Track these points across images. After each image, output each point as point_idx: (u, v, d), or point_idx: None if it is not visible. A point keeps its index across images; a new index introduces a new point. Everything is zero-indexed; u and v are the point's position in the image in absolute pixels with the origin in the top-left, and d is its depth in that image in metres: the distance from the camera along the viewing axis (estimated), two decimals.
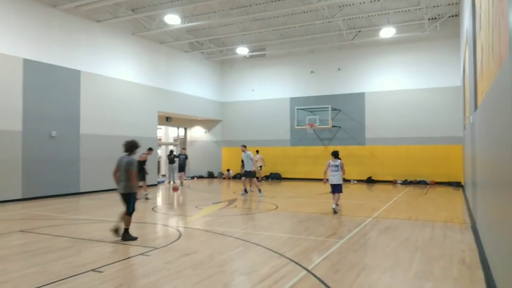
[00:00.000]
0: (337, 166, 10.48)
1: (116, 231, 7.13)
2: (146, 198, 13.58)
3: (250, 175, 14.75)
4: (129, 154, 7.57)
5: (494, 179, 4.31)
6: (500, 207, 3.81)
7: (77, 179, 15.07)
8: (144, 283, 4.69)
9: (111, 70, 16.83)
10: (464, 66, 13.06)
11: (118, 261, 5.63)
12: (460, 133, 17.82)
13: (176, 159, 19.60)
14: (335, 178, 10.47)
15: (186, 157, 19.02)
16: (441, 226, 8.44)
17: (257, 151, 21.30)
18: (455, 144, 18.60)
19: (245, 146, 15.03)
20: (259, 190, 14.26)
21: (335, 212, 10.22)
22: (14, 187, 12.85)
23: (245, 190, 14.85)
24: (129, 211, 7.16)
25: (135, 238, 7.05)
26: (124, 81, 17.47)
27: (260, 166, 20.98)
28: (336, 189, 10.57)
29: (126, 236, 7.05)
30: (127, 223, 7.13)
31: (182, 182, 19.20)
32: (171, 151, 20.90)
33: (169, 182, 20.69)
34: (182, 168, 18.96)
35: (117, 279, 4.82)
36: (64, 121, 14.62)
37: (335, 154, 10.65)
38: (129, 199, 7.20)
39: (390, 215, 10.02)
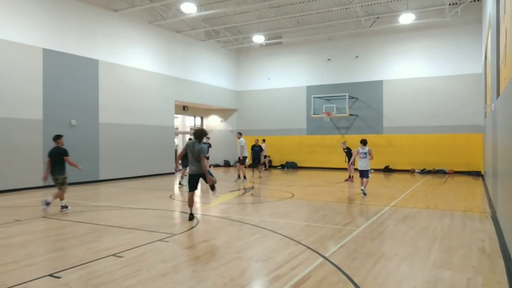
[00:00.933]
0: (365, 153, 11.33)
1: (212, 188, 8.04)
2: (181, 184, 13.97)
3: (240, 161, 15.77)
4: (198, 141, 7.91)
5: None
6: None
7: (96, 167, 15.34)
8: (163, 268, 4.78)
9: (128, 59, 16.97)
10: (486, 52, 12.73)
11: (138, 246, 5.74)
12: (480, 121, 17.45)
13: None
14: (363, 164, 11.35)
15: (210, 146, 19.22)
16: (460, 215, 8.33)
17: (264, 140, 21.41)
18: (475, 133, 18.25)
19: (240, 134, 16.24)
20: (240, 176, 15.50)
21: (364, 194, 11.17)
22: (35, 175, 13.14)
23: (239, 176, 15.76)
24: (211, 176, 8.13)
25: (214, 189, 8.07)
26: (141, 70, 17.60)
27: (264, 156, 21.01)
28: (364, 174, 11.36)
29: (212, 188, 8.05)
30: (211, 181, 7.90)
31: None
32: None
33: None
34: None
35: (137, 264, 4.92)
36: (83, 110, 14.84)
37: (364, 142, 11.48)
38: (204, 176, 7.89)
39: (408, 204, 9.93)
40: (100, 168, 15.50)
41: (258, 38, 21.62)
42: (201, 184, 8.58)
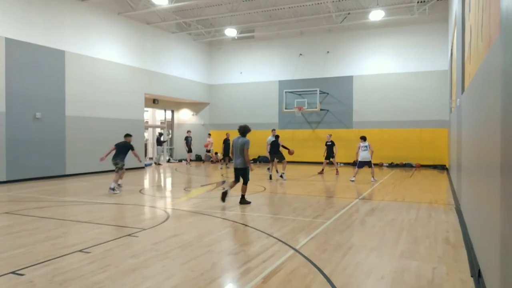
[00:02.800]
0: (366, 146, 13.40)
1: (224, 195, 8.54)
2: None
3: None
4: (242, 136, 8.85)
5: (479, 162, 4.38)
6: (484, 189, 3.87)
7: (63, 161, 14.89)
8: (132, 263, 4.69)
9: (97, 50, 16.49)
10: (452, 49, 13.12)
11: (106, 242, 5.61)
12: (446, 116, 18.02)
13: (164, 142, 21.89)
14: (366, 155, 13.28)
15: (191, 139, 21.35)
16: (426, 207, 8.59)
17: (209, 135, 22.51)
18: (441, 128, 18.83)
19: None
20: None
21: (375, 180, 13.29)
22: None
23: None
24: (246, 181, 8.74)
25: (249, 202, 8.70)
26: (110, 62, 17.15)
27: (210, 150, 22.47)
28: (368, 164, 13.38)
29: (243, 201, 8.69)
30: (244, 191, 8.74)
31: (188, 162, 21.31)
32: (160, 133, 22.25)
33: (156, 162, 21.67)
34: (190, 149, 21.18)
35: (105, 260, 4.81)
36: (49, 102, 14.33)
37: (364, 138, 13.64)
38: (245, 172, 8.69)
39: (376, 197, 10.15)
40: (67, 163, 15.04)
41: (230, 32, 21.48)
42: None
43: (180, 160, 23.59)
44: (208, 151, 22.53)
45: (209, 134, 22.78)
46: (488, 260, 3.57)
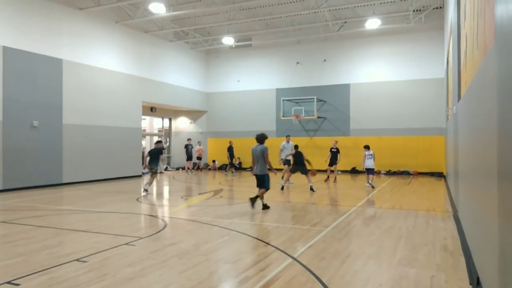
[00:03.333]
0: (371, 154, 13.91)
1: (254, 201, 9.02)
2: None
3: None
4: (260, 144, 9.53)
5: (476, 169, 4.39)
6: (482, 196, 3.88)
7: (59, 169, 14.83)
8: (129, 272, 4.66)
9: (94, 59, 16.52)
10: (447, 57, 13.21)
11: (103, 250, 5.57)
12: (443, 124, 18.09)
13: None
14: (372, 163, 13.83)
15: (192, 147, 21.26)
16: (424, 214, 8.58)
17: (199, 142, 22.75)
18: (437, 135, 18.89)
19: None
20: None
21: (372, 187, 13.51)
22: None
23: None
24: (266, 188, 9.12)
25: (269, 207, 9.12)
26: (107, 71, 17.17)
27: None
28: (372, 171, 13.87)
29: (264, 206, 9.08)
30: (262, 195, 9.15)
31: (190, 169, 21.09)
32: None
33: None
34: (190, 157, 21.00)
35: (102, 269, 4.77)
36: (46, 110, 14.31)
37: (368, 147, 14.26)
38: (264, 179, 9.15)
39: (374, 204, 10.15)
40: (64, 171, 14.98)
41: (228, 40, 21.59)
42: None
43: (177, 168, 23.54)
44: (199, 158, 22.62)
45: (199, 142, 22.89)
46: (486, 267, 3.56)
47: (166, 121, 24.90)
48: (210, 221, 7.80)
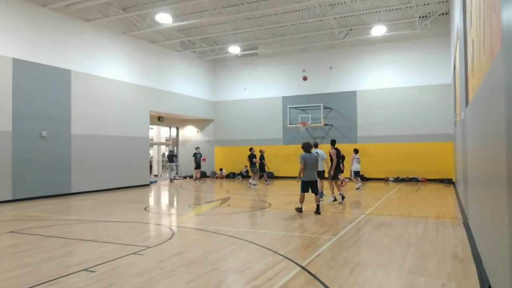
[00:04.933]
0: (358, 158, 15.54)
1: (300, 211, 9.83)
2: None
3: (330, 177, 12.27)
4: (308, 152, 9.81)
5: (485, 175, 4.34)
6: (492, 202, 3.83)
7: (68, 179, 14.93)
8: (137, 282, 4.65)
9: (102, 69, 16.69)
10: (454, 63, 13.15)
11: (111, 260, 5.58)
12: (451, 130, 17.95)
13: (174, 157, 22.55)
14: (358, 166, 15.59)
15: (201, 155, 20.92)
16: (433, 222, 8.49)
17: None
18: (446, 141, 18.74)
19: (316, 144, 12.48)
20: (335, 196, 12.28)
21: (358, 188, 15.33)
22: (4, 188, 12.68)
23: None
24: (318, 192, 9.95)
25: (319, 213, 9.65)
26: (115, 81, 17.34)
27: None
28: (359, 174, 15.58)
29: (318, 211, 9.66)
30: (318, 200, 9.93)
31: (198, 178, 20.71)
32: (171, 150, 23.10)
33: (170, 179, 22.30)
34: (198, 166, 20.61)
35: (110, 278, 4.77)
36: (54, 121, 14.46)
37: (357, 151, 15.90)
38: (317, 184, 9.94)
39: (383, 212, 10.06)
40: (72, 181, 15.08)
41: (234, 49, 21.71)
42: None
43: (185, 177, 23.57)
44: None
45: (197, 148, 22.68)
46: (498, 275, 3.51)
47: (174, 130, 25.01)
48: (218, 230, 7.78)
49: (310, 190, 9.81)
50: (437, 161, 19.12)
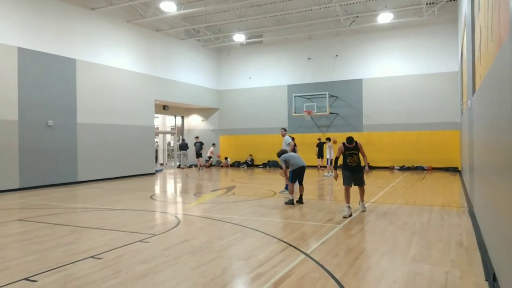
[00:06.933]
0: (331, 147, 16.68)
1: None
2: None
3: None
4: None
5: (492, 163, 4.31)
6: (498, 190, 3.81)
7: (74, 168, 15.04)
8: (143, 269, 4.70)
9: (107, 58, 16.67)
10: (462, 51, 12.99)
11: (117, 248, 5.64)
12: (457, 118, 17.81)
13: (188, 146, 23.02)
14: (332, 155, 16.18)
15: (202, 144, 21.07)
16: (438, 210, 8.48)
17: (213, 145, 23.76)
18: (452, 130, 18.62)
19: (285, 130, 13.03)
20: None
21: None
22: (11, 177, 12.81)
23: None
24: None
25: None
26: (120, 70, 17.32)
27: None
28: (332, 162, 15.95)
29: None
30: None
31: (201, 167, 20.99)
32: (183, 139, 23.88)
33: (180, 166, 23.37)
34: (199, 155, 20.78)
35: (116, 266, 4.83)
36: (60, 110, 14.51)
37: (330, 139, 16.98)
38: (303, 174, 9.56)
39: (388, 200, 10.06)
40: (79, 169, 15.20)
41: (239, 37, 21.58)
42: None
43: (190, 166, 23.66)
44: (210, 157, 23.58)
45: (213, 144, 23.76)
46: (503, 263, 3.50)
47: (179, 119, 25.03)
48: (223, 218, 7.82)
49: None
50: (443, 149, 19.02)
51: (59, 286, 4.15)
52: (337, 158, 8.54)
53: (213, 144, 23.69)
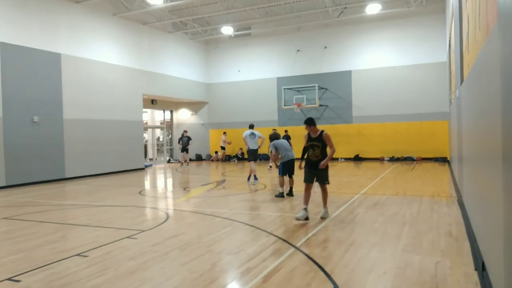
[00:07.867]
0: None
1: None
2: None
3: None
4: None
5: (480, 152, 4.30)
6: (486, 180, 3.79)
7: (62, 164, 14.82)
8: (131, 265, 4.62)
9: (93, 52, 16.39)
10: (450, 41, 13.01)
11: (104, 244, 5.54)
12: (446, 108, 17.92)
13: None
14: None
15: (189, 139, 20.68)
16: (428, 200, 8.51)
17: (224, 133, 22.75)
18: (441, 120, 18.74)
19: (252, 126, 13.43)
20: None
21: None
22: None
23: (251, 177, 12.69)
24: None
25: None
26: (106, 64, 17.05)
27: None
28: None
29: None
30: None
31: (187, 162, 20.79)
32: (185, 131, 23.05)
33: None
34: (185, 149, 20.59)
35: (103, 263, 4.74)
36: (46, 106, 14.25)
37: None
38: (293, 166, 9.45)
39: (378, 191, 10.08)
40: (66, 166, 14.98)
41: (227, 30, 21.37)
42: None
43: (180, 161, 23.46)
44: (223, 148, 23.12)
45: (224, 133, 23.29)
46: (491, 252, 3.50)
47: (168, 113, 24.82)
48: (213, 212, 7.76)
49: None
50: (432, 140, 19.15)
51: (44, 285, 4.06)
52: (304, 148, 7.46)
53: (224, 133, 23.22)
